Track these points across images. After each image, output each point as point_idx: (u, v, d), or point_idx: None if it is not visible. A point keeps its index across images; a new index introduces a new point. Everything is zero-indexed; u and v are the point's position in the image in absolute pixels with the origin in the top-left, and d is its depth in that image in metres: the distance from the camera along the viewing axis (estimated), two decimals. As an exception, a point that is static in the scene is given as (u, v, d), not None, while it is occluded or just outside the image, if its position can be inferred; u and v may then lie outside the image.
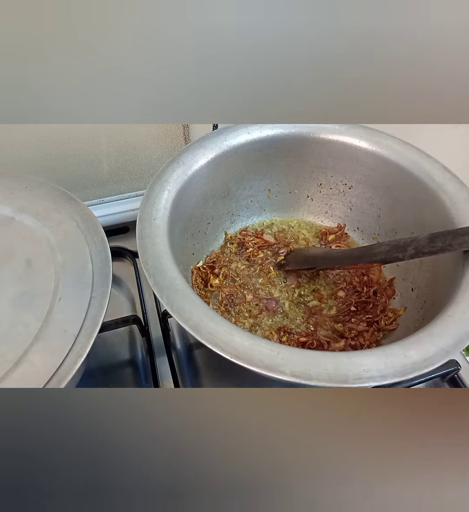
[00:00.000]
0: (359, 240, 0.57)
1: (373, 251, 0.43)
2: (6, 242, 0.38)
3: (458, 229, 0.35)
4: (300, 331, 0.47)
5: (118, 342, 0.50)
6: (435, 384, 0.48)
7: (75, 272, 0.35)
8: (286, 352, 0.31)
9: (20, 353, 0.30)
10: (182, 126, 0.64)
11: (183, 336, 0.52)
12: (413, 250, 0.38)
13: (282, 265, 0.54)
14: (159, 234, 0.40)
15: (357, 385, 0.29)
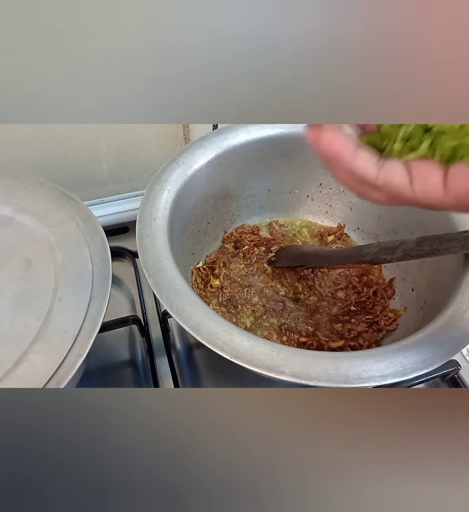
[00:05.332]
0: (359, 240, 0.57)
1: (362, 252, 0.43)
2: (6, 242, 0.38)
3: (445, 234, 0.36)
4: (300, 330, 0.47)
5: (118, 342, 0.50)
6: (435, 384, 0.48)
7: (75, 272, 0.35)
8: (286, 352, 0.31)
9: (20, 353, 0.30)
10: (182, 126, 0.64)
11: (183, 336, 0.52)
12: (401, 253, 0.38)
13: (273, 261, 0.54)
14: (159, 234, 0.40)
15: (357, 385, 0.29)
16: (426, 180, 0.24)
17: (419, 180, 0.24)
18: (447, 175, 0.23)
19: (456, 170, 0.23)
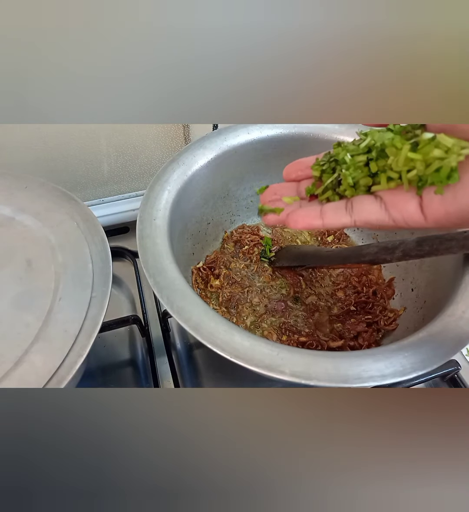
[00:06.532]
0: (359, 241, 0.57)
1: (362, 252, 0.43)
2: (6, 242, 0.38)
3: (445, 234, 0.36)
4: (300, 330, 0.47)
5: (118, 342, 0.50)
6: (435, 384, 0.48)
7: (75, 272, 0.35)
8: (286, 352, 0.31)
9: (20, 353, 0.30)
10: (182, 126, 0.64)
11: (183, 336, 0.52)
12: (400, 253, 0.38)
13: (273, 261, 0.54)
14: (160, 234, 0.40)
15: (356, 385, 0.29)
16: (403, 209, 0.24)
17: (396, 211, 0.24)
18: (422, 202, 0.23)
19: (430, 196, 0.23)
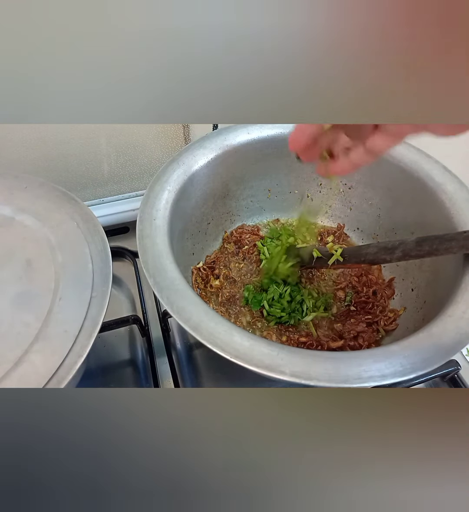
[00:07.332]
0: (359, 240, 0.57)
1: (361, 252, 0.43)
2: (6, 242, 0.38)
3: (445, 235, 0.36)
4: (300, 330, 0.47)
5: (118, 342, 0.50)
6: (435, 384, 0.48)
7: (75, 272, 0.35)
8: (285, 352, 0.31)
9: (20, 353, 0.30)
10: (182, 126, 0.64)
11: (183, 336, 0.52)
12: (400, 253, 0.38)
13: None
14: (160, 234, 0.40)
15: (356, 385, 0.29)
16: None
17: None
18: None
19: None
